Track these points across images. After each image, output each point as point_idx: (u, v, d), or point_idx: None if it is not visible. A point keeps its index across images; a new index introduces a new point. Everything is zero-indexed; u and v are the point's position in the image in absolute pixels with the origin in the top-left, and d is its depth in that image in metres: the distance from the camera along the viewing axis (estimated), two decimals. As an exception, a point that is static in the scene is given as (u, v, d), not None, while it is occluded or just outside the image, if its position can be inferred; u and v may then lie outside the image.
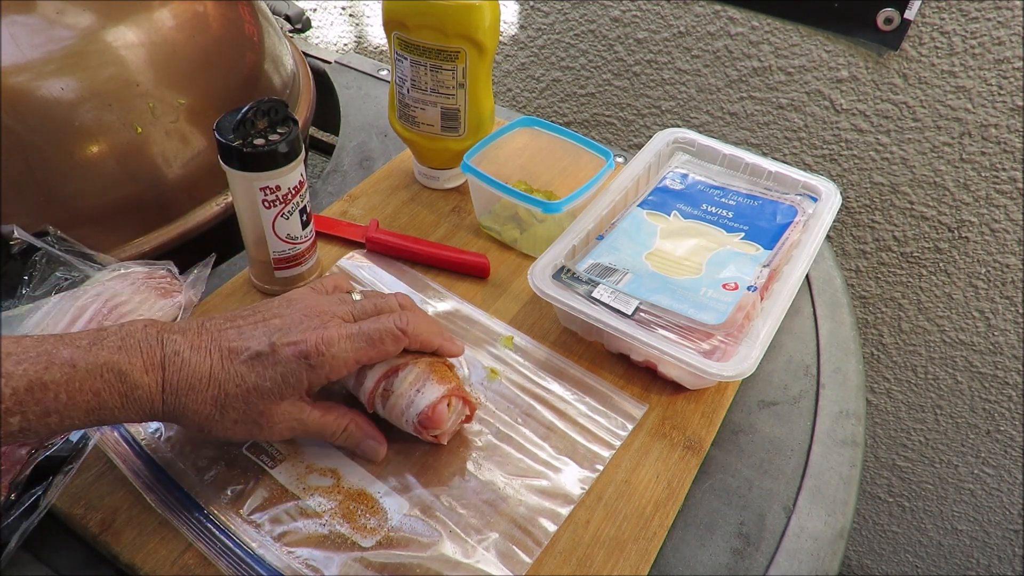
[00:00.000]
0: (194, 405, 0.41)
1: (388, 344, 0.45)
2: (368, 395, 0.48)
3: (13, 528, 0.43)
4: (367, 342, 0.44)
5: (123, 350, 0.40)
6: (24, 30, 0.55)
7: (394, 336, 0.45)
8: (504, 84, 1.10)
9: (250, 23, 0.71)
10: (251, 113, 0.52)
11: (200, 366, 0.41)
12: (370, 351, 0.45)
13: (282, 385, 0.42)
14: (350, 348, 0.44)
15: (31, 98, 0.54)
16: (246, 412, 0.42)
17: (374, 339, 0.45)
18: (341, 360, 0.43)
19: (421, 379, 0.48)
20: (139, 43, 0.60)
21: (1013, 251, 0.88)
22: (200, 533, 0.44)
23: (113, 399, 0.39)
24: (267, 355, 0.42)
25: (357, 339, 0.44)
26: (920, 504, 1.18)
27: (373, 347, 0.45)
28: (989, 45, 0.77)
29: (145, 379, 0.40)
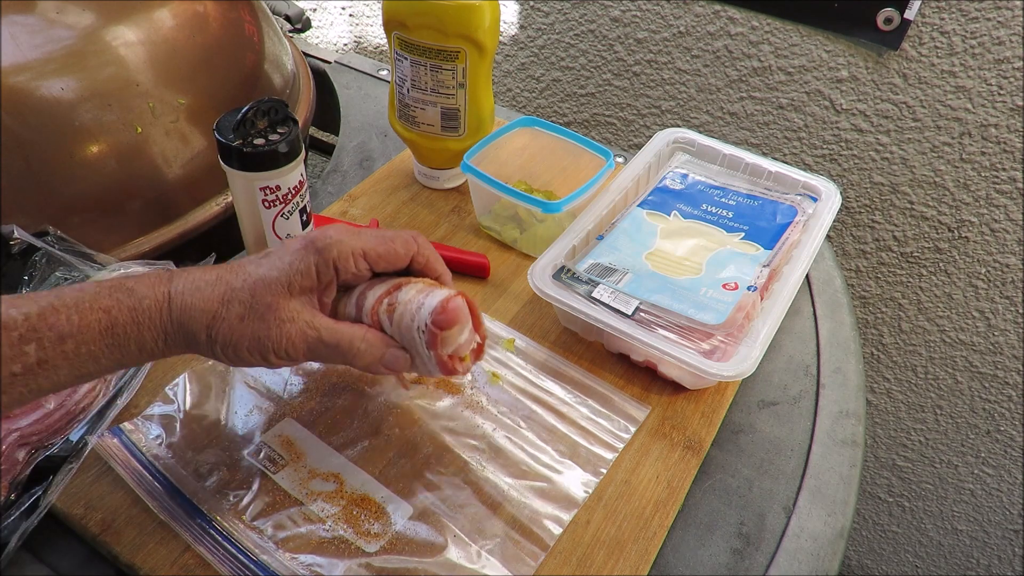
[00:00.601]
0: (201, 303, 0.40)
1: (399, 244, 0.44)
2: (371, 312, 0.45)
3: (13, 528, 0.43)
4: (377, 238, 0.44)
5: (131, 276, 0.41)
6: (24, 30, 0.55)
7: (405, 240, 0.45)
8: (504, 84, 1.10)
9: (250, 23, 0.71)
10: (251, 113, 0.52)
11: (207, 273, 0.41)
12: (379, 246, 0.44)
13: (290, 272, 0.41)
14: (358, 239, 0.43)
15: (31, 98, 0.54)
16: (252, 305, 0.40)
17: (385, 237, 0.44)
18: (348, 245, 0.42)
19: (427, 289, 0.45)
20: (139, 43, 0.60)
21: (1013, 251, 0.88)
22: (202, 539, 0.44)
23: (123, 314, 0.39)
24: (274, 252, 0.42)
25: (366, 234, 0.44)
26: (920, 504, 1.18)
27: (383, 243, 0.44)
28: (989, 45, 0.77)
29: (152, 291, 0.40)
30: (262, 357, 0.41)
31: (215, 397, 0.52)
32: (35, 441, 0.46)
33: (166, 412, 0.51)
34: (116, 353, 0.39)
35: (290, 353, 0.42)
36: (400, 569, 0.44)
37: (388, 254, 0.44)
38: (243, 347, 0.41)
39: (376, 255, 0.44)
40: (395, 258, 0.45)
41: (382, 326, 0.45)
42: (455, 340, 0.44)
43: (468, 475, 0.49)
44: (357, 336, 0.43)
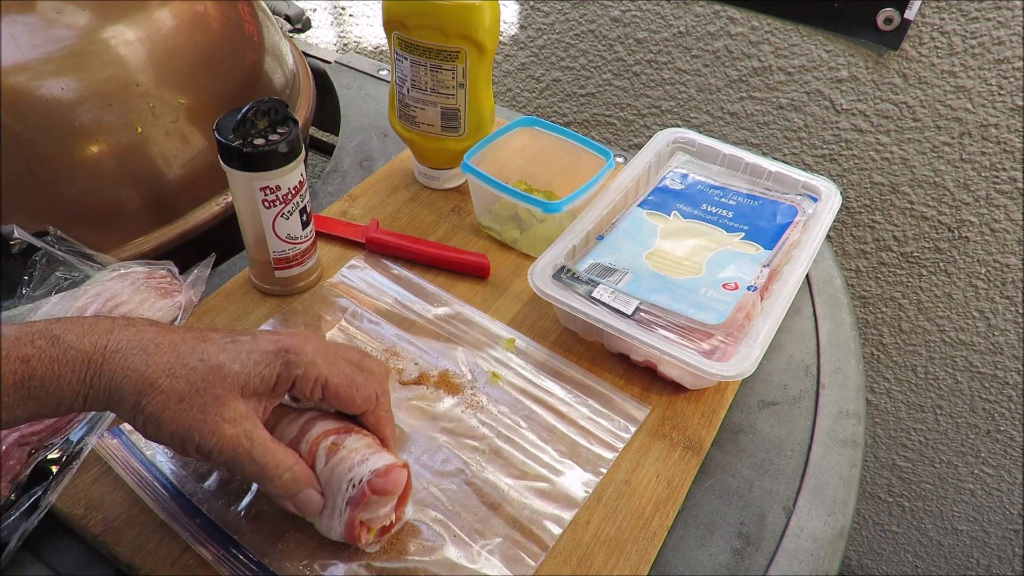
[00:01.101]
0: (142, 367, 0.36)
1: (359, 396, 0.42)
2: (313, 442, 0.43)
3: (13, 528, 0.43)
4: (346, 379, 0.41)
5: (63, 321, 0.36)
6: (24, 30, 0.55)
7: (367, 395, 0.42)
8: (504, 84, 1.10)
9: (250, 23, 0.71)
10: (251, 113, 0.52)
11: (160, 335, 0.37)
12: (342, 388, 0.41)
13: (251, 373, 0.38)
14: (329, 369, 0.41)
15: (31, 98, 0.54)
16: (201, 389, 0.37)
17: (355, 383, 0.42)
18: (317, 370, 0.40)
19: (376, 447, 0.43)
20: (139, 43, 0.60)
21: (1013, 251, 0.88)
22: (202, 539, 0.44)
23: (42, 365, 0.35)
24: (245, 341, 0.39)
25: (340, 369, 0.41)
26: (920, 504, 1.18)
27: (347, 388, 0.41)
28: (989, 45, 0.77)
29: (83, 341, 0.36)
30: (181, 445, 0.38)
31: (215, 397, 0.52)
32: (35, 441, 0.46)
33: (166, 412, 0.51)
34: (33, 405, 0.36)
35: (212, 455, 0.38)
36: (400, 569, 0.44)
37: (346, 399, 0.42)
38: (167, 429, 0.37)
39: (335, 394, 0.41)
40: (350, 406, 0.43)
41: (314, 460, 0.42)
42: (377, 509, 0.43)
43: (468, 475, 0.49)
44: (284, 465, 0.40)
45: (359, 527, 0.42)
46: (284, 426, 0.44)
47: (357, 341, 0.57)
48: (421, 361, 0.56)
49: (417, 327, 0.59)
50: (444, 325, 0.59)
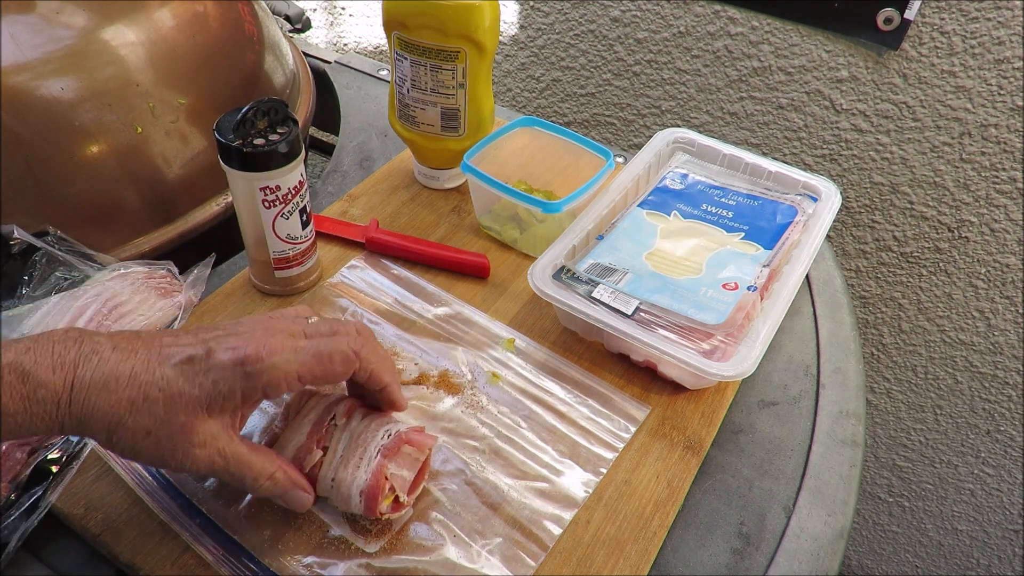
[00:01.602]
0: (105, 406, 0.36)
1: (337, 364, 0.41)
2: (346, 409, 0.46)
3: (13, 528, 0.43)
4: (315, 357, 0.40)
5: (32, 351, 0.36)
6: (24, 30, 0.55)
7: (345, 357, 0.41)
8: (504, 84, 1.10)
9: (250, 23, 0.71)
10: (251, 113, 0.52)
11: (121, 364, 0.37)
12: (316, 368, 0.40)
13: (212, 393, 0.37)
14: (294, 360, 0.39)
15: (31, 98, 0.54)
16: (165, 421, 0.37)
17: (323, 355, 0.40)
18: (282, 371, 0.39)
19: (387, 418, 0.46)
20: (139, 43, 0.60)
21: (1013, 251, 0.88)
22: (202, 539, 0.44)
23: (13, 402, 0.35)
24: (201, 359, 0.38)
25: (304, 352, 0.40)
26: (920, 504, 1.18)
27: (320, 363, 0.40)
28: (989, 45, 0.77)
29: (52, 377, 0.35)
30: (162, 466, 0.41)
31: (215, 397, 0.52)
32: (35, 441, 0.46)
33: (166, 412, 0.51)
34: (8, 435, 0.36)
35: (191, 471, 0.39)
36: (400, 569, 0.44)
37: (325, 375, 0.41)
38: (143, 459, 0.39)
39: (313, 376, 0.40)
40: (334, 378, 0.42)
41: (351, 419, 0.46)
42: (402, 468, 0.44)
43: (468, 475, 0.49)
44: (264, 474, 0.41)
45: (384, 482, 0.43)
46: (315, 401, 0.47)
47: (357, 341, 0.57)
48: (421, 361, 0.56)
49: (417, 327, 0.59)
50: (444, 325, 0.59)
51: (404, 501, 0.45)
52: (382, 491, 0.43)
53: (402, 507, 0.45)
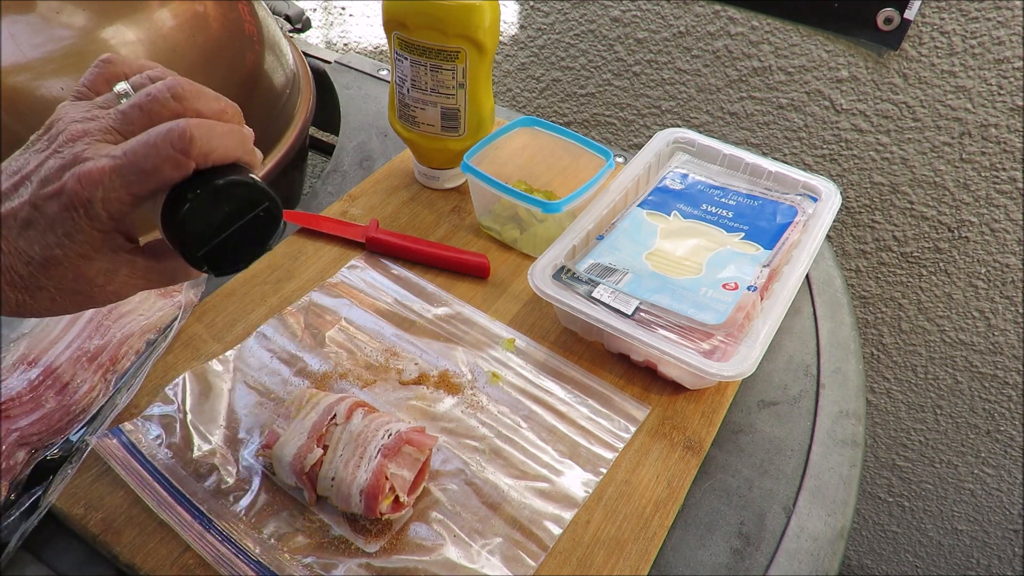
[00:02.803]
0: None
1: (167, 169, 0.33)
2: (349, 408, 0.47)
3: (13, 528, 0.43)
4: (138, 173, 0.33)
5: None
6: (24, 29, 0.55)
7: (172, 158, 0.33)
8: (504, 84, 1.10)
9: (250, 23, 0.71)
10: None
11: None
12: (146, 182, 0.33)
13: (74, 243, 0.33)
14: (119, 184, 0.33)
15: (31, 98, 0.54)
16: (59, 285, 0.34)
17: (146, 168, 0.33)
18: (116, 201, 0.33)
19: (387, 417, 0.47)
20: (139, 43, 0.60)
21: (1013, 251, 0.88)
22: (202, 539, 0.44)
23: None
24: (36, 220, 0.33)
25: (125, 171, 0.33)
26: (920, 504, 1.18)
27: (148, 177, 0.33)
28: (989, 45, 0.77)
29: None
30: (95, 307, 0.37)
31: (215, 398, 0.52)
32: (35, 441, 0.47)
33: (166, 412, 0.51)
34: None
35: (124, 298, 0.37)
36: (400, 569, 0.44)
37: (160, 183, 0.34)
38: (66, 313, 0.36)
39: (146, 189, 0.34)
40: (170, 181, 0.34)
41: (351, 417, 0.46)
42: (402, 468, 0.45)
43: (468, 475, 0.49)
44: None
45: (384, 481, 0.43)
46: (316, 401, 0.47)
47: (357, 341, 0.57)
48: (421, 361, 0.56)
49: (417, 327, 0.59)
50: (444, 325, 0.59)
51: (404, 501, 0.45)
52: (382, 491, 0.43)
53: (402, 507, 0.45)
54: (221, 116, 0.36)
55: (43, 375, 0.48)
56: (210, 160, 0.34)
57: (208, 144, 0.34)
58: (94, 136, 0.34)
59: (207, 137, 0.34)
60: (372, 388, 0.54)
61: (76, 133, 0.34)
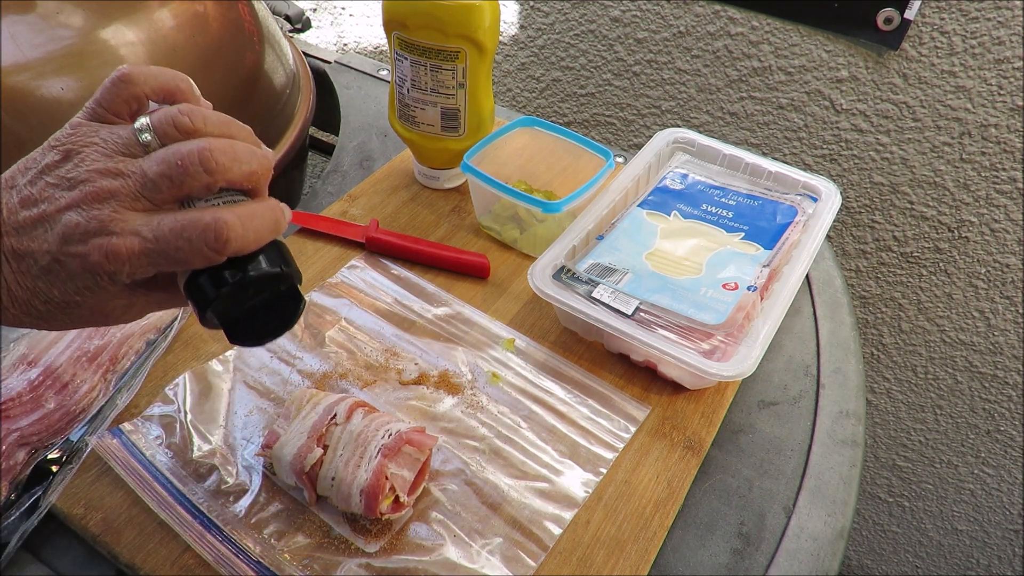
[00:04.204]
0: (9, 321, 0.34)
1: (197, 261, 0.33)
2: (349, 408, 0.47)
3: (13, 528, 0.43)
4: (166, 259, 0.32)
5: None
6: (24, 30, 0.55)
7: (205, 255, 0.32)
8: (504, 84, 1.10)
9: (250, 23, 0.71)
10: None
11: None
12: (173, 266, 0.33)
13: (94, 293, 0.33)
14: (146, 263, 0.32)
15: (31, 98, 0.54)
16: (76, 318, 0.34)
17: (176, 257, 0.32)
18: (141, 273, 0.33)
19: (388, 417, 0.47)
20: (139, 43, 0.60)
21: (1013, 251, 0.88)
22: (202, 539, 0.44)
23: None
24: (57, 271, 0.33)
25: (153, 255, 0.32)
26: (920, 504, 1.18)
27: (176, 264, 0.33)
28: (989, 45, 0.77)
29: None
30: None
31: (215, 398, 0.52)
32: (35, 441, 0.46)
33: (166, 413, 0.51)
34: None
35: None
36: (400, 569, 0.44)
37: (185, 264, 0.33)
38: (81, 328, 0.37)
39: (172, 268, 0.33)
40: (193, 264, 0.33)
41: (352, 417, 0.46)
42: (402, 467, 0.45)
43: (468, 475, 0.49)
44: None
45: (384, 481, 0.43)
46: (317, 401, 0.47)
47: (357, 341, 0.57)
48: (421, 361, 0.56)
49: (417, 327, 0.59)
50: (444, 325, 0.59)
51: (404, 501, 0.45)
52: (382, 491, 0.43)
53: (402, 507, 0.45)
54: (251, 178, 0.35)
55: (43, 375, 0.48)
56: (243, 252, 0.33)
57: (243, 241, 0.33)
58: (121, 202, 0.32)
59: (242, 235, 0.32)
60: (372, 388, 0.54)
61: (101, 192, 0.32)
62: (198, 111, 0.35)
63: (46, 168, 0.34)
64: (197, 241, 0.32)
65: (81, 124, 0.35)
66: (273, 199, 0.36)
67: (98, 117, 0.35)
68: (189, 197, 0.33)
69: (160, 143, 0.34)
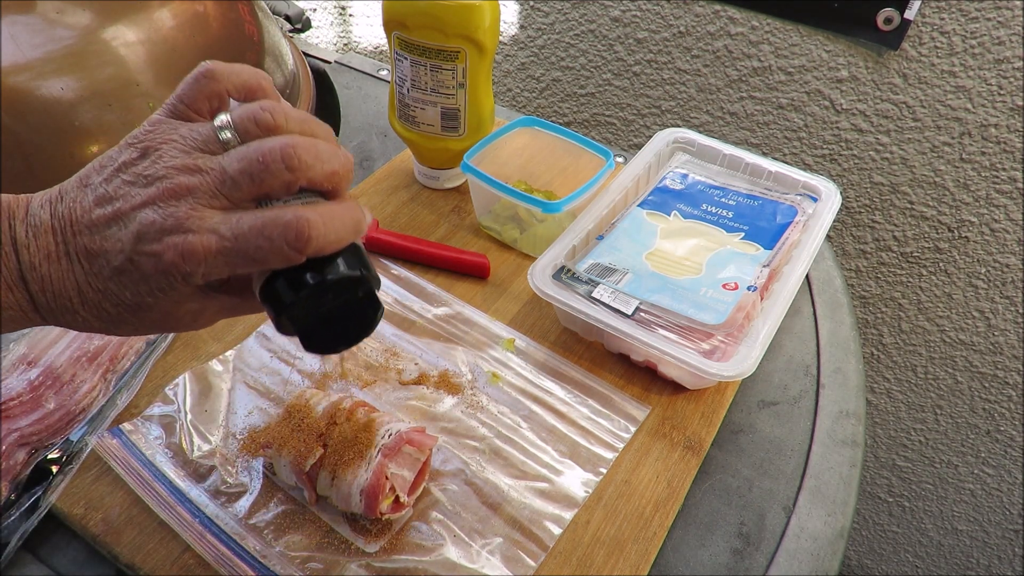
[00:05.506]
0: (78, 324, 0.33)
1: (276, 261, 0.32)
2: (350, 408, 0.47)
3: (13, 528, 0.43)
4: (244, 258, 0.31)
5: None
6: (24, 30, 0.55)
7: (284, 253, 0.31)
8: (504, 84, 1.10)
9: (250, 23, 0.71)
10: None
11: (64, 283, 0.32)
12: (250, 266, 0.32)
13: (166, 295, 0.33)
14: (222, 263, 0.31)
15: (31, 98, 0.54)
16: (146, 322, 0.34)
17: (254, 257, 0.31)
18: (216, 273, 0.32)
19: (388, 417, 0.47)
20: (139, 43, 0.60)
21: (1013, 251, 0.88)
22: (202, 539, 0.44)
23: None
24: (130, 271, 0.32)
25: (231, 254, 0.31)
26: (920, 504, 1.18)
27: (254, 264, 0.32)
28: (989, 45, 0.77)
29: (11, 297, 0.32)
30: None
31: (215, 398, 0.52)
32: (35, 441, 0.47)
33: (166, 413, 0.51)
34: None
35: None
36: (400, 569, 0.44)
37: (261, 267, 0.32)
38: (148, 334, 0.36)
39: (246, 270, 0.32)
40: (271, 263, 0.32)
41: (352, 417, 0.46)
42: (403, 467, 0.45)
43: (468, 475, 0.49)
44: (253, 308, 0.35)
45: (385, 481, 0.43)
46: (317, 401, 0.47)
47: (357, 341, 0.57)
48: (421, 361, 0.56)
49: (417, 327, 0.59)
50: (444, 325, 0.59)
51: (404, 501, 0.45)
52: (382, 491, 0.43)
53: (402, 507, 0.45)
54: (333, 178, 0.33)
55: (43, 375, 0.48)
56: (323, 253, 0.32)
57: (324, 240, 0.31)
58: (199, 199, 0.31)
59: (323, 235, 0.31)
60: (372, 388, 0.54)
61: (179, 189, 0.31)
62: (279, 108, 0.33)
63: (122, 165, 0.33)
64: (278, 239, 0.30)
65: (160, 121, 0.33)
66: (353, 201, 0.35)
67: (179, 114, 0.34)
68: (268, 196, 0.32)
69: (240, 141, 0.32)
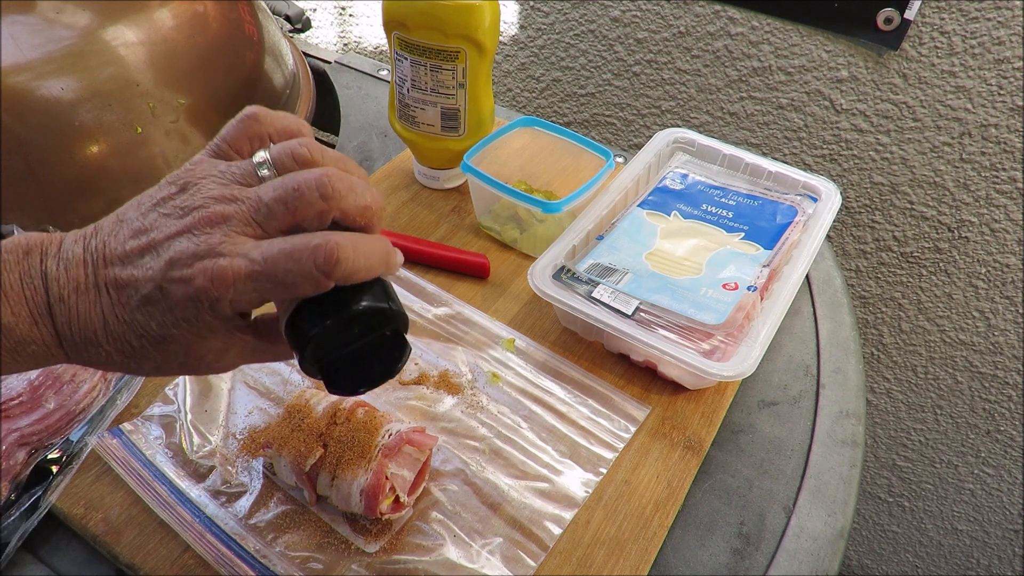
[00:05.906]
0: (100, 360, 0.34)
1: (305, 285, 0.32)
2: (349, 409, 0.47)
3: (13, 528, 0.43)
4: (273, 283, 0.32)
5: (5, 296, 0.32)
6: (24, 30, 0.55)
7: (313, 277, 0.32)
8: (504, 84, 1.10)
9: (250, 23, 0.71)
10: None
11: (90, 314, 0.33)
12: (279, 292, 0.32)
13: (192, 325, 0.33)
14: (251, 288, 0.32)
15: (31, 98, 0.54)
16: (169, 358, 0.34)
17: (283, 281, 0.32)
18: (245, 301, 0.32)
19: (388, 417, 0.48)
20: (139, 43, 0.60)
21: (1013, 251, 0.88)
22: (202, 539, 0.44)
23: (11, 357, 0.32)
24: (158, 300, 0.32)
25: (260, 278, 0.32)
26: (920, 504, 1.18)
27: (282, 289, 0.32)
28: (989, 45, 0.77)
29: (36, 332, 0.32)
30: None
31: (215, 398, 0.52)
32: (35, 441, 0.47)
33: (166, 413, 0.51)
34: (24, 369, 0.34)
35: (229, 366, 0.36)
36: (400, 569, 0.44)
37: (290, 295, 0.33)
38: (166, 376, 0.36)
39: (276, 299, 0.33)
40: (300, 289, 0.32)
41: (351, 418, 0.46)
42: (403, 468, 0.45)
43: (468, 475, 0.49)
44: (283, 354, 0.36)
45: (385, 481, 0.43)
46: (317, 401, 0.47)
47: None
48: (421, 361, 0.56)
49: (417, 327, 0.59)
50: (444, 325, 0.59)
51: (404, 501, 0.45)
52: (382, 491, 0.43)
53: (402, 507, 0.45)
54: (365, 212, 0.34)
55: (43, 375, 0.48)
56: (351, 281, 0.33)
57: (353, 266, 0.32)
58: (233, 226, 0.32)
59: (352, 259, 0.32)
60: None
61: (215, 217, 0.32)
62: (316, 145, 0.35)
63: (161, 201, 0.34)
64: (307, 261, 0.31)
65: (202, 160, 0.35)
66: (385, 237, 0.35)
67: (221, 153, 0.35)
68: (301, 228, 0.33)
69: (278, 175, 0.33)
